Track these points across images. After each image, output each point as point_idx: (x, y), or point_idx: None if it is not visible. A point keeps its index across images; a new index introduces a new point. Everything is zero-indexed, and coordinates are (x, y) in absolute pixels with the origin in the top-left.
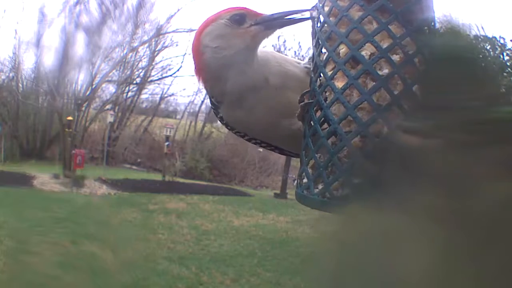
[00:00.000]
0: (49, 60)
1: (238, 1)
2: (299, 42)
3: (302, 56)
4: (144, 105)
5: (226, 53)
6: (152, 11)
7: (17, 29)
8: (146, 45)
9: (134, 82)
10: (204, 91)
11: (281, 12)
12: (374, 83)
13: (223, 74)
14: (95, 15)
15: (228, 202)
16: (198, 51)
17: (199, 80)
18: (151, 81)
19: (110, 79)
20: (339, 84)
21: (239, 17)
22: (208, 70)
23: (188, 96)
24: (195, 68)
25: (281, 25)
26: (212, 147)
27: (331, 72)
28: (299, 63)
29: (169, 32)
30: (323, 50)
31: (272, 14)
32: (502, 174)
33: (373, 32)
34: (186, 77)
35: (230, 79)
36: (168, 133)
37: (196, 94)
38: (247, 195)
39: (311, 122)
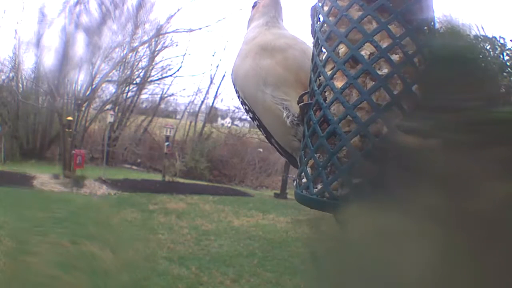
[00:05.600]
0: (49, 60)
1: (238, 1)
2: None
3: None
4: (144, 105)
5: (251, 25)
6: (152, 11)
7: (17, 29)
8: (146, 45)
9: (134, 82)
10: (204, 91)
11: None
12: (373, 82)
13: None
14: (95, 15)
15: (228, 202)
16: None
17: None
18: (151, 81)
19: (110, 79)
20: (339, 83)
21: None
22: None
23: (188, 96)
24: None
25: None
26: (212, 147)
27: (330, 71)
28: None
29: (169, 32)
30: (323, 49)
31: None
32: (502, 174)
33: (373, 31)
34: (186, 77)
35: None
36: (168, 133)
37: (196, 94)
38: (247, 195)
39: (310, 122)
